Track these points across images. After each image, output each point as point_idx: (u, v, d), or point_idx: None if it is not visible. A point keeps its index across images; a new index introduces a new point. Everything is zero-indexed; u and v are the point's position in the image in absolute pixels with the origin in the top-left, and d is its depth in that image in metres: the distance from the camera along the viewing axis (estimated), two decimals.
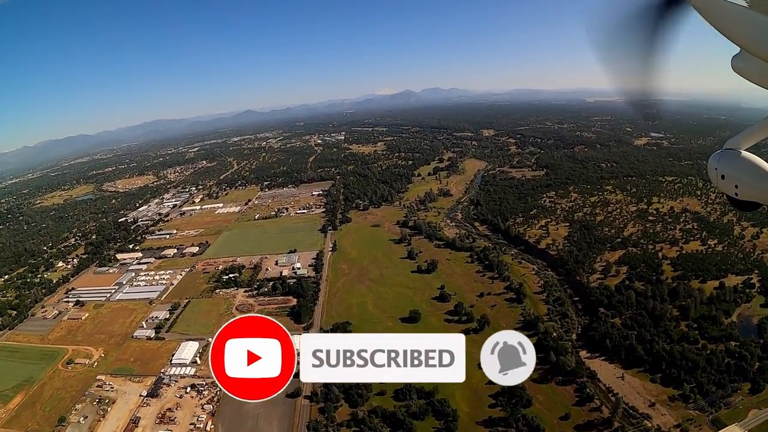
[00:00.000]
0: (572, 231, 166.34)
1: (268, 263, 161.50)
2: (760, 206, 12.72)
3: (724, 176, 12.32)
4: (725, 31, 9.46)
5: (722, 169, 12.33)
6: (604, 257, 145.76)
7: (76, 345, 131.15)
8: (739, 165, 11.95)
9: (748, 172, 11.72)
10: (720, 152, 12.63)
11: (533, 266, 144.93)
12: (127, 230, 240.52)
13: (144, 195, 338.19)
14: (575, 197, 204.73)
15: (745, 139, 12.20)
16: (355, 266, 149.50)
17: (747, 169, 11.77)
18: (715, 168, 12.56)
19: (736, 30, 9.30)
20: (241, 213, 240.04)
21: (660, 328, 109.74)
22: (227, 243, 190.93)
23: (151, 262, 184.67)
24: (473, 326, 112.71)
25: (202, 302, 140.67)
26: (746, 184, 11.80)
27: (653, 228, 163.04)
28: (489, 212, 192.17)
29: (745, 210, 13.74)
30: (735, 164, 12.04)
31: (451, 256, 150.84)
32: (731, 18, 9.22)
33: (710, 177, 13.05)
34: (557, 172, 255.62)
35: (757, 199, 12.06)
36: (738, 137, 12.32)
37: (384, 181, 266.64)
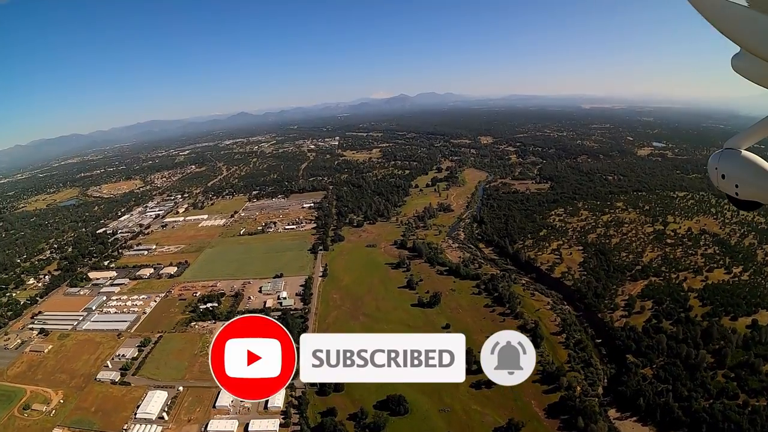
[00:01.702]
0: (587, 256, 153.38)
1: (251, 290, 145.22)
2: (761, 206, 12.34)
3: (724, 176, 12.07)
4: (725, 31, 9.11)
5: (722, 168, 12.09)
6: (625, 289, 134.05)
7: (35, 385, 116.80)
8: (739, 164, 11.71)
9: (749, 172, 11.46)
10: (720, 152, 12.39)
11: (548, 299, 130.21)
12: (104, 243, 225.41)
13: (128, 202, 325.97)
14: (586, 215, 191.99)
15: (745, 139, 11.95)
16: (349, 296, 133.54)
17: (747, 168, 11.52)
18: (716, 168, 12.32)
19: (736, 29, 8.95)
20: (226, 227, 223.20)
21: (696, 380, 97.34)
22: (208, 263, 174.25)
23: (124, 284, 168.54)
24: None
25: (174, 338, 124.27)
26: (746, 183, 11.56)
27: (673, 253, 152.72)
28: (495, 232, 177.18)
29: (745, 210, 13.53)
30: (735, 164, 11.81)
31: (455, 286, 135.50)
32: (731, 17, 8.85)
33: (710, 177, 12.83)
34: (563, 185, 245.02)
35: (758, 198, 11.74)
36: (738, 137, 12.06)
37: (379, 192, 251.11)
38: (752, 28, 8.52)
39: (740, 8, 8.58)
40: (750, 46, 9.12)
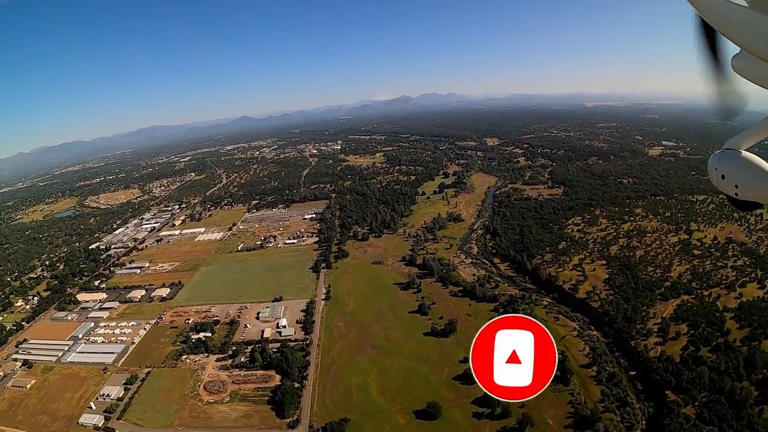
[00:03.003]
0: (612, 272, 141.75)
1: (248, 316, 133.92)
2: (761, 206, 12.10)
3: (724, 176, 11.86)
4: (725, 31, 9.11)
5: (722, 169, 11.88)
6: (656, 310, 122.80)
7: (15, 428, 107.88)
8: (739, 165, 11.49)
9: (748, 172, 11.23)
10: (720, 152, 12.19)
11: (574, 324, 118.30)
12: (96, 261, 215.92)
13: (124, 213, 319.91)
14: (605, 224, 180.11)
15: (745, 139, 11.71)
16: (354, 324, 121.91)
17: (747, 169, 11.28)
18: (715, 168, 12.12)
19: (736, 30, 8.84)
20: (223, 241, 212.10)
21: (743, 418, 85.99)
22: (203, 284, 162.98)
23: (114, 308, 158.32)
24: (511, 423, 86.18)
25: (164, 374, 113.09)
26: (746, 184, 11.34)
27: (702, 266, 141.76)
28: (510, 245, 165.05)
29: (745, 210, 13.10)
30: (735, 164, 11.59)
31: (471, 309, 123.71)
32: (731, 17, 8.76)
33: (710, 177, 12.57)
34: (577, 190, 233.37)
35: (758, 199, 11.54)
36: (738, 137, 11.83)
37: (385, 201, 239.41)
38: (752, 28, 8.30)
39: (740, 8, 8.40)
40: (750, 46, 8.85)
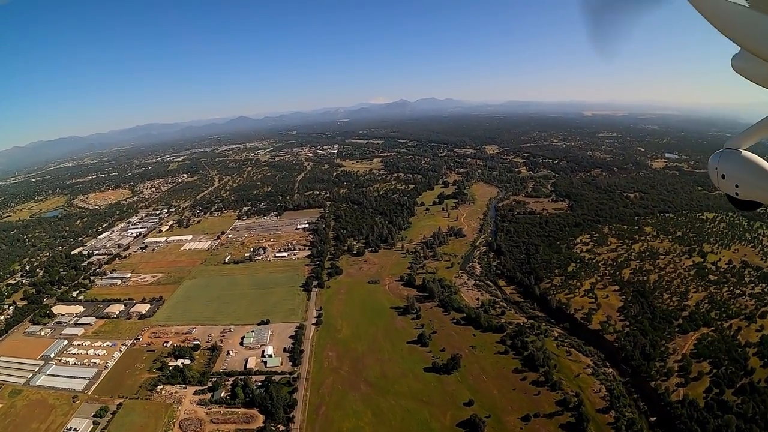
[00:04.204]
0: (626, 299, 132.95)
1: (232, 341, 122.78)
2: (761, 206, 11.98)
3: (724, 176, 11.80)
4: (725, 31, 8.98)
5: (722, 168, 11.81)
6: (675, 345, 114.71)
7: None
8: (739, 164, 11.47)
9: (749, 172, 11.24)
10: (720, 152, 12.11)
11: (587, 359, 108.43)
12: (76, 268, 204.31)
13: (112, 215, 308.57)
14: (615, 244, 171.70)
15: (745, 139, 11.71)
16: (347, 355, 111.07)
17: (747, 168, 11.29)
18: (716, 168, 12.02)
19: (736, 29, 8.81)
20: (210, 251, 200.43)
21: None
22: (185, 300, 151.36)
23: (89, 324, 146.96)
24: None
25: (137, 407, 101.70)
26: (747, 183, 11.34)
27: (719, 293, 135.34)
28: (516, 266, 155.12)
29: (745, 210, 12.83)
30: (735, 164, 11.56)
31: (476, 341, 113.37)
32: (731, 17, 8.71)
33: (710, 177, 12.46)
34: (582, 205, 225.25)
35: (758, 198, 11.53)
36: (738, 137, 11.80)
37: (382, 211, 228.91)
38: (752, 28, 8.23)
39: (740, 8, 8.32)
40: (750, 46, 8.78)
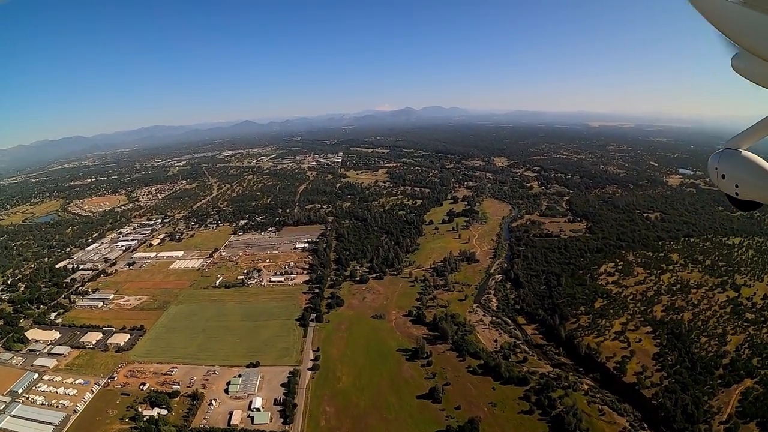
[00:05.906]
0: (661, 343, 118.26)
1: (216, 387, 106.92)
2: (761, 206, 11.83)
3: (724, 176, 11.66)
4: (725, 31, 9.03)
5: (722, 168, 11.67)
6: (719, 401, 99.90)
7: None
8: (739, 164, 11.32)
9: (749, 172, 11.08)
10: (720, 152, 11.97)
11: (623, 419, 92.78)
12: (59, 285, 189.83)
13: (104, 223, 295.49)
14: (642, 274, 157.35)
15: (745, 139, 11.57)
16: (348, 411, 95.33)
17: (747, 168, 11.13)
18: (716, 168, 11.88)
19: (736, 29, 8.81)
20: (201, 271, 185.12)
21: None
22: (168, 332, 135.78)
23: (63, 355, 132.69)
24: None
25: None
26: (747, 183, 11.17)
27: (758, 335, 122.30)
28: (536, 300, 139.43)
29: (745, 210, 12.54)
30: (735, 164, 11.42)
31: (496, 397, 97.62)
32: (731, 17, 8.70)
33: (710, 177, 12.30)
34: (602, 226, 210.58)
35: (758, 198, 11.39)
36: (738, 137, 11.70)
37: (387, 231, 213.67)
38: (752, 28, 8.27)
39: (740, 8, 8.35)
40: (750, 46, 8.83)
